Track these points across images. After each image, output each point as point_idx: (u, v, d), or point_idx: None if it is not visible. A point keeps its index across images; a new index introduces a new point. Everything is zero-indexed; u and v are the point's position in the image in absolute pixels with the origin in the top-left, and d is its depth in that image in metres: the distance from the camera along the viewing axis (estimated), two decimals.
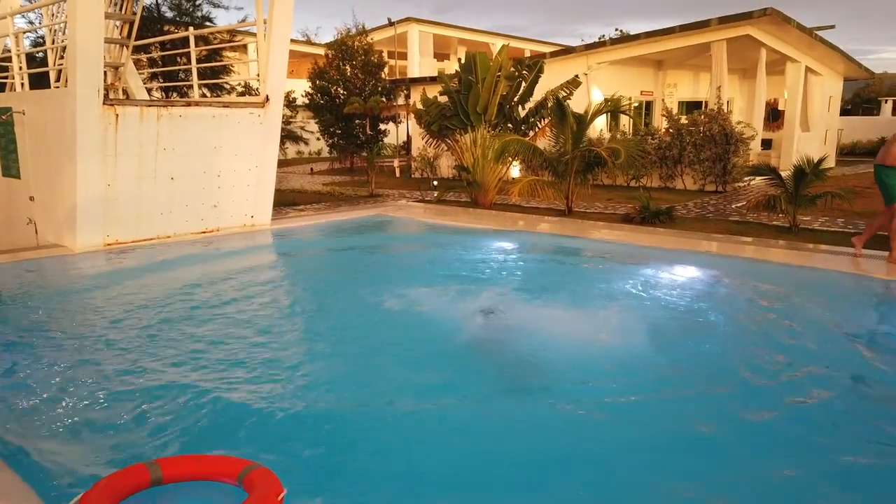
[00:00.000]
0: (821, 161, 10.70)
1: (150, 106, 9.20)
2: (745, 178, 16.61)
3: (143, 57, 15.68)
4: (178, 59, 16.77)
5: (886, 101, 37.65)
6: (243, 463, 3.13)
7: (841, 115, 30.10)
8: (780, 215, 11.29)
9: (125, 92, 10.97)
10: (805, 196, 10.51)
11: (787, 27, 18.38)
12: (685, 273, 7.65)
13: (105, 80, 9.42)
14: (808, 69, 22.41)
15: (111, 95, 10.05)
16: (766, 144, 22.98)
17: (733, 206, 13.80)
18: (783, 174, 11.26)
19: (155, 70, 15.92)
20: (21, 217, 9.73)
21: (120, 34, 10.12)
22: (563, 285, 7.33)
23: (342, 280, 7.78)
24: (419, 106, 18.75)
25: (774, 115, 26.01)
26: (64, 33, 10.12)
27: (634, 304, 6.49)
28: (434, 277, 7.89)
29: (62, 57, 10.19)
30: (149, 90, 12.44)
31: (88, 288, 7.28)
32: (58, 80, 10.26)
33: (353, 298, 6.94)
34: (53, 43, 10.78)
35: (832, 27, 22.57)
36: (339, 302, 6.87)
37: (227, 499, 3.03)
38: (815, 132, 24.38)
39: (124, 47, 10.17)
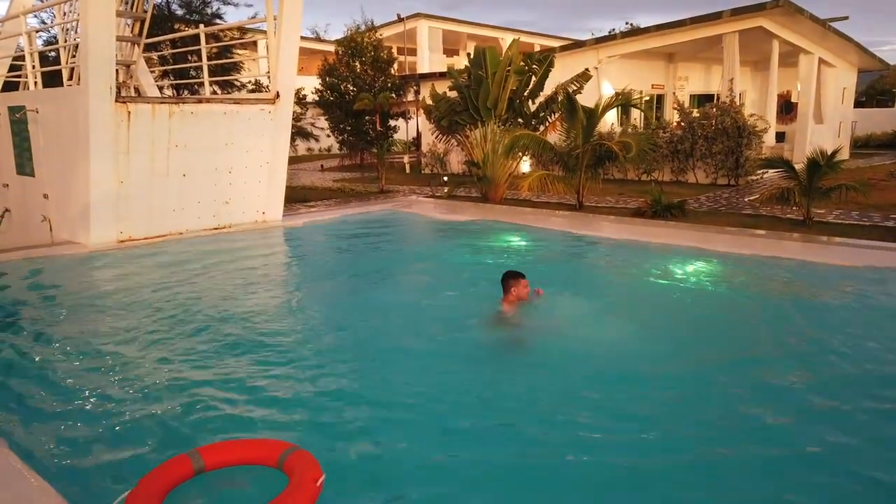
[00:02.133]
0: (835, 153, 10.59)
1: (161, 103, 9.25)
2: (758, 172, 16.46)
3: (155, 55, 15.75)
4: (189, 57, 16.82)
5: None
6: (283, 446, 3.15)
7: (855, 106, 29.72)
8: (794, 208, 11.18)
9: (137, 90, 11.04)
10: (819, 189, 10.40)
11: (799, 18, 18.17)
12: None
13: (117, 78, 9.47)
14: (821, 61, 22.15)
15: (123, 93, 10.12)
16: (779, 137, 22.73)
17: (746, 200, 13.69)
18: (796, 167, 11.15)
19: (166, 68, 15.98)
20: (35, 215, 9.82)
21: (131, 32, 10.17)
22: (577, 283, 7.31)
23: (355, 274, 7.78)
24: (429, 101, 18.72)
25: (787, 108, 25.75)
26: (76, 32, 10.19)
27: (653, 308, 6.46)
28: (445, 272, 7.89)
29: (74, 55, 10.25)
30: (160, 88, 12.50)
31: (104, 283, 7.35)
32: (70, 78, 10.32)
33: (366, 292, 6.96)
34: (66, 41, 10.84)
35: (846, 18, 22.27)
36: (351, 295, 6.89)
37: (268, 482, 3.04)
38: (829, 124, 24.11)
39: (136, 45, 10.23)
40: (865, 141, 30.69)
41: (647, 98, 22.57)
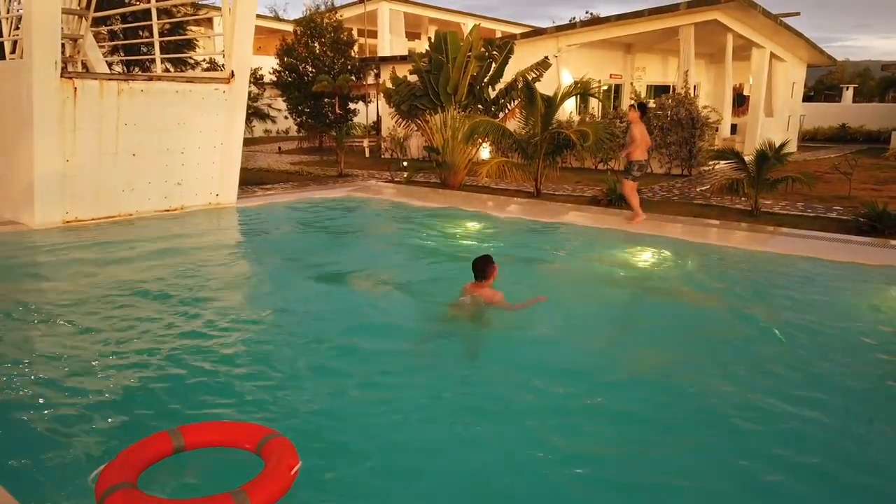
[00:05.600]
0: (782, 146, 10.91)
1: (110, 80, 8.96)
2: (710, 162, 16.87)
3: (104, 29, 15.17)
4: (140, 33, 16.30)
5: (848, 88, 38.47)
6: (263, 431, 3.14)
7: (804, 101, 30.66)
8: (743, 199, 11.51)
9: (84, 65, 10.66)
10: (767, 180, 10.72)
11: (753, 13, 18.60)
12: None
13: (63, 53, 9.14)
14: (772, 55, 22.74)
15: (70, 68, 9.76)
16: (733, 129, 23.33)
17: (698, 190, 14.02)
18: (747, 158, 11.46)
19: (116, 43, 15.44)
20: None
21: (79, 5, 9.82)
22: (531, 270, 7.39)
23: (311, 259, 7.70)
24: (389, 85, 18.56)
25: (739, 100, 26.39)
26: (19, 2, 9.76)
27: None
28: (400, 258, 7.89)
29: (18, 27, 9.83)
30: (109, 64, 12.07)
31: (49, 266, 7.12)
32: (13, 51, 9.90)
33: (322, 276, 6.90)
34: (9, 12, 10.38)
35: (797, 14, 22.91)
36: (307, 279, 6.82)
37: (245, 466, 3.02)
38: (779, 117, 24.82)
39: (83, 19, 9.88)
40: (813, 134, 31.73)
41: (606, 87, 22.83)
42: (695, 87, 18.99)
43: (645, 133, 9.36)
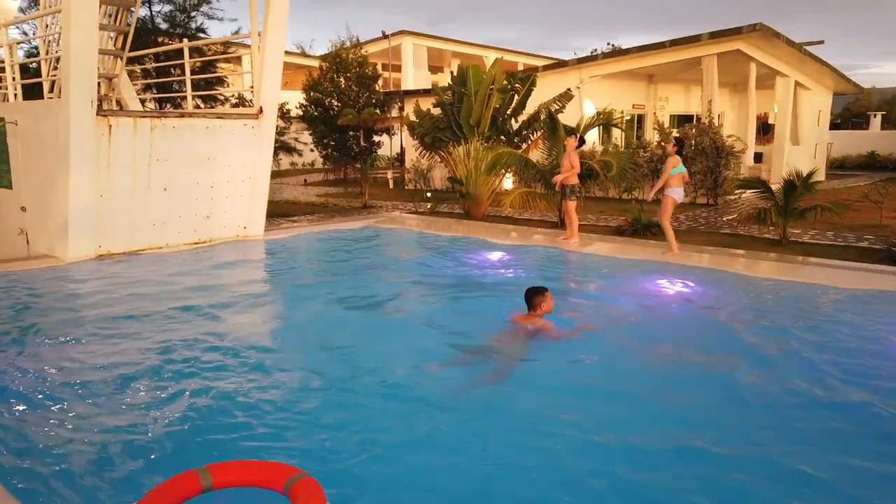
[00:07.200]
0: (811, 174, 10.81)
1: (143, 117, 9.22)
2: (736, 192, 16.74)
3: (137, 68, 15.69)
4: (172, 71, 16.82)
5: (875, 116, 38.04)
6: (291, 471, 3.13)
7: (830, 129, 30.38)
8: (771, 228, 11.37)
9: (119, 103, 11.00)
10: (795, 209, 10.59)
11: (776, 42, 18.60)
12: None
13: (99, 91, 9.45)
14: (797, 84, 22.65)
15: (105, 106, 10.08)
16: (757, 158, 23.17)
17: (724, 219, 13.90)
18: (773, 187, 11.36)
19: (149, 81, 15.95)
20: (12, 227, 9.70)
21: (114, 45, 10.17)
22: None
23: (337, 290, 7.74)
24: (413, 118, 18.82)
25: (765, 129, 26.24)
26: (58, 44, 10.15)
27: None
28: (427, 289, 7.90)
29: (56, 68, 10.20)
30: (142, 101, 12.45)
31: (82, 298, 7.25)
32: (51, 90, 10.27)
33: (349, 308, 6.94)
34: (47, 54, 10.78)
35: (821, 42, 22.86)
36: (334, 311, 6.86)
37: None
38: (805, 146, 24.60)
39: (118, 58, 10.22)
40: (841, 162, 31.36)
41: (628, 118, 22.88)
42: (719, 115, 18.94)
43: (578, 162, 10.49)
